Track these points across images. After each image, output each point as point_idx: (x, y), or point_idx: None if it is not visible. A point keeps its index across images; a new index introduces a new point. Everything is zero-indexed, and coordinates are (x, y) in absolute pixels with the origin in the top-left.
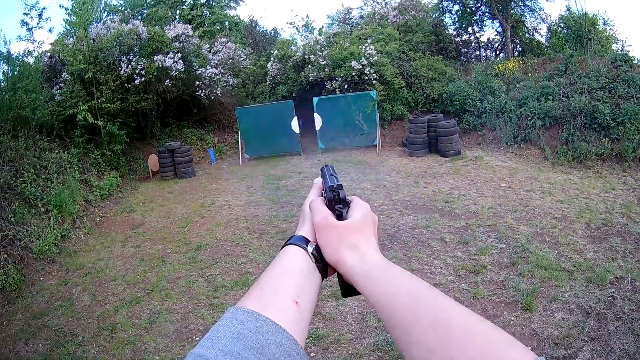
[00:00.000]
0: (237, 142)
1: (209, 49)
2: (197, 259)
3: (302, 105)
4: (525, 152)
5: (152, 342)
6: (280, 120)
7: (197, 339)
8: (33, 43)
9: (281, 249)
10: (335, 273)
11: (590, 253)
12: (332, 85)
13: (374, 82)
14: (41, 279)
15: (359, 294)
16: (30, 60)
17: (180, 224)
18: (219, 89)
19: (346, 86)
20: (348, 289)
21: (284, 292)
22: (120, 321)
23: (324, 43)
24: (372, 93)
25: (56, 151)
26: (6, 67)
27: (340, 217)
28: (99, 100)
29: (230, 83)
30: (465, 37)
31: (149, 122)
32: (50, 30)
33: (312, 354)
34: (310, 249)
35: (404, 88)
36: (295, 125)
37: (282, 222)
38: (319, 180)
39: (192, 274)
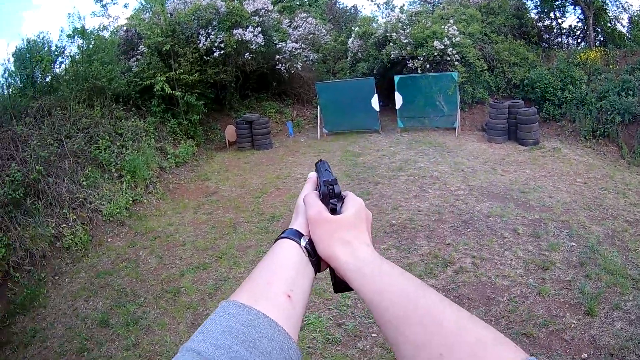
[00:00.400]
0: (316, 116)
1: (289, 24)
2: (269, 230)
3: (382, 83)
4: (603, 148)
5: (215, 308)
6: (360, 96)
7: None
8: (108, 18)
9: (274, 242)
10: (328, 268)
11: None
12: (414, 64)
13: (456, 63)
14: (109, 240)
15: (351, 289)
16: (106, 34)
17: (254, 194)
18: (299, 63)
19: (428, 66)
20: (340, 285)
21: (277, 285)
22: (184, 285)
23: (406, 21)
24: (454, 74)
25: (132, 119)
26: (81, 41)
27: (334, 211)
28: (177, 72)
29: (311, 58)
30: (547, 22)
31: (227, 94)
32: (125, 6)
33: (373, 335)
34: (303, 243)
35: (486, 71)
36: (375, 102)
37: None
38: (313, 175)
39: (262, 244)
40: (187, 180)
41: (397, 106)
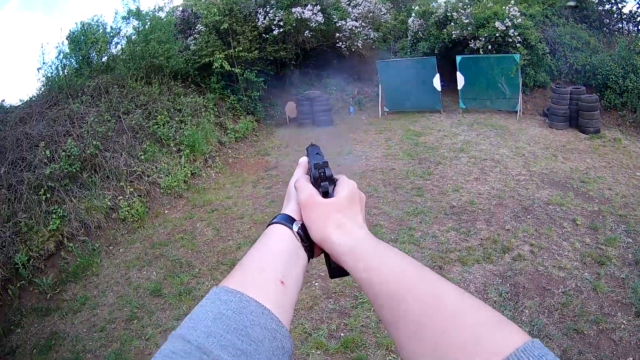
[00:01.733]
0: (377, 94)
1: (348, 3)
2: None
3: (443, 62)
4: None
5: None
6: (421, 76)
7: (315, 284)
8: None
9: (266, 228)
10: (322, 254)
11: None
12: (475, 44)
13: (518, 45)
14: (166, 212)
15: (347, 274)
16: (162, 14)
17: None
18: (359, 41)
19: (489, 47)
20: (336, 270)
21: (269, 271)
22: (240, 258)
23: (466, 1)
24: (516, 56)
25: (191, 96)
26: (137, 22)
27: (326, 194)
28: (236, 50)
29: (371, 36)
30: (607, 6)
31: (287, 71)
32: None
33: None
34: (295, 228)
35: (548, 54)
36: (437, 82)
37: (419, 178)
38: (304, 159)
39: None
40: (246, 155)
41: (459, 87)
